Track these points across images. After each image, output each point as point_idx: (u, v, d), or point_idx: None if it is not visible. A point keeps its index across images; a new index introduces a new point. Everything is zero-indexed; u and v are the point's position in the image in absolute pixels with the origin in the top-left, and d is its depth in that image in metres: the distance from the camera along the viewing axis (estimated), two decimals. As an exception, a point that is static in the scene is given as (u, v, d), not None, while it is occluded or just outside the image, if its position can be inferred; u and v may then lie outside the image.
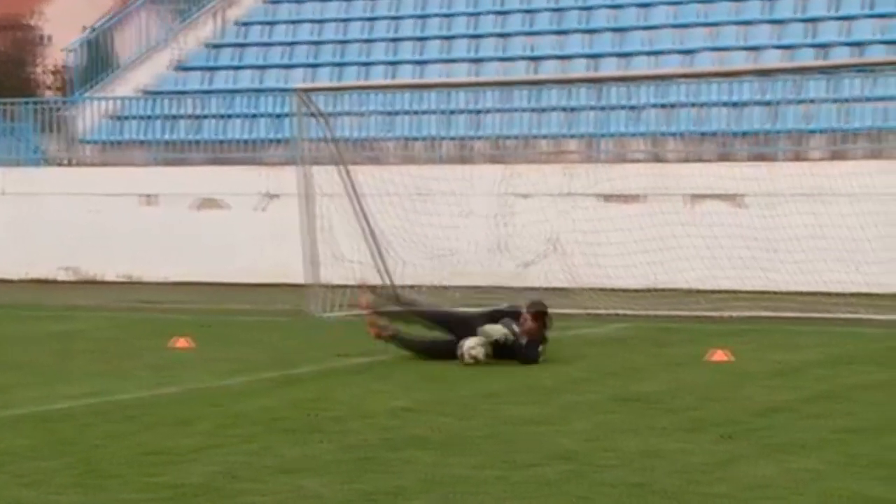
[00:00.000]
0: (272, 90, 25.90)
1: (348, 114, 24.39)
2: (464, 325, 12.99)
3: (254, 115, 25.68)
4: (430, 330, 13.34)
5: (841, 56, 22.84)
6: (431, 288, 19.76)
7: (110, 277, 24.09)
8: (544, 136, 23.67)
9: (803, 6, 24.65)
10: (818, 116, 21.90)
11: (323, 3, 28.21)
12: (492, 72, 25.23)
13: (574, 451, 8.56)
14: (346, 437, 9.13)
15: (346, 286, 18.36)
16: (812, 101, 22.10)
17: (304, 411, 10.18)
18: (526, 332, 12.80)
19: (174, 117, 25.92)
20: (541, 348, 12.82)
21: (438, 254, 20.57)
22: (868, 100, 21.64)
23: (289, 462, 8.34)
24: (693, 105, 22.83)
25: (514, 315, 12.98)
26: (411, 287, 16.03)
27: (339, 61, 26.79)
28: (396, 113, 24.67)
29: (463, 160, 23.67)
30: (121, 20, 28.73)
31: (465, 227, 21.15)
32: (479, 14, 27.04)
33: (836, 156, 21.29)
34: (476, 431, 9.34)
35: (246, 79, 27.06)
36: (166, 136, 25.58)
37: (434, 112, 24.27)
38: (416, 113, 24.50)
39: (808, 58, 23.02)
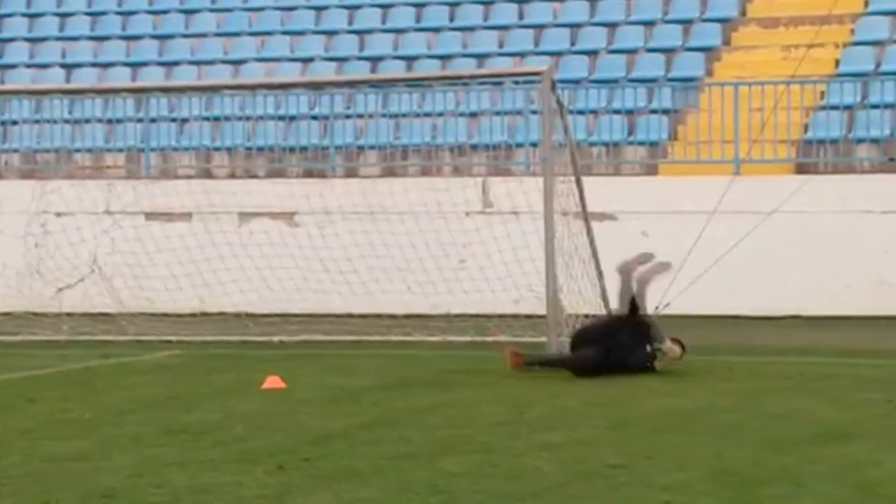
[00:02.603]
0: None
1: None
2: (610, 342, 13.75)
3: None
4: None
5: (392, 70, 23.58)
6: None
7: None
8: (83, 150, 23.27)
9: (353, 17, 25.31)
10: (371, 131, 22.53)
11: None
12: (22, 79, 24.59)
13: (117, 489, 8.49)
14: None
15: None
16: (364, 115, 22.70)
17: None
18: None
19: None
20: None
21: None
22: (419, 115, 22.45)
23: None
24: (242, 118, 23.02)
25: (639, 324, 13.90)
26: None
27: None
28: (-85, 123, 23.67)
29: (-9, 175, 23.00)
30: None
31: (-5, 249, 20.54)
32: (7, 16, 26.30)
33: (388, 172, 21.95)
34: (10, 471, 9.11)
35: None
36: None
37: (-43, 122, 23.45)
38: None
39: (359, 70, 23.64)
